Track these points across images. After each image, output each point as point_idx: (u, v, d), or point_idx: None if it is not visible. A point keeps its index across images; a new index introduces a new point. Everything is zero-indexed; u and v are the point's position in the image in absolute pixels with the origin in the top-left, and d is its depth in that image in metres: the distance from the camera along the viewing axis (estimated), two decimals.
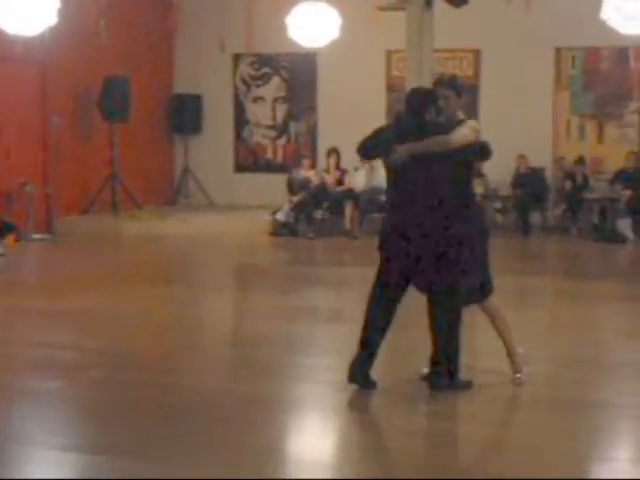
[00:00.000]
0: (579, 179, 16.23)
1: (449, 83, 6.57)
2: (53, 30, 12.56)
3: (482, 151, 6.62)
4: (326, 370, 7.04)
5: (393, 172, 6.52)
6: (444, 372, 6.36)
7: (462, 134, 6.32)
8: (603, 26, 13.31)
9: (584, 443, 5.55)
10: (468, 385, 6.44)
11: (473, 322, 7.14)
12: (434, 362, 6.39)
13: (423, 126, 6.40)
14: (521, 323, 8.84)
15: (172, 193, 19.27)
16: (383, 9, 12.89)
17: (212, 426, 5.74)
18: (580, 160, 16.40)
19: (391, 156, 6.37)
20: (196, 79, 19.05)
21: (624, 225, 15.33)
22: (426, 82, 12.04)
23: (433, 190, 6.30)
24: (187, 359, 7.42)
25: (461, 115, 6.55)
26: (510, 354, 6.68)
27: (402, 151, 6.29)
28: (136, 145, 17.78)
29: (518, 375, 6.63)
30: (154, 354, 7.65)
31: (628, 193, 15.61)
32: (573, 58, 16.91)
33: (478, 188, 15.98)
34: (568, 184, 16.26)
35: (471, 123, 6.52)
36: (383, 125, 6.96)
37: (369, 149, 6.71)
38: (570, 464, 5.16)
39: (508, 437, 5.81)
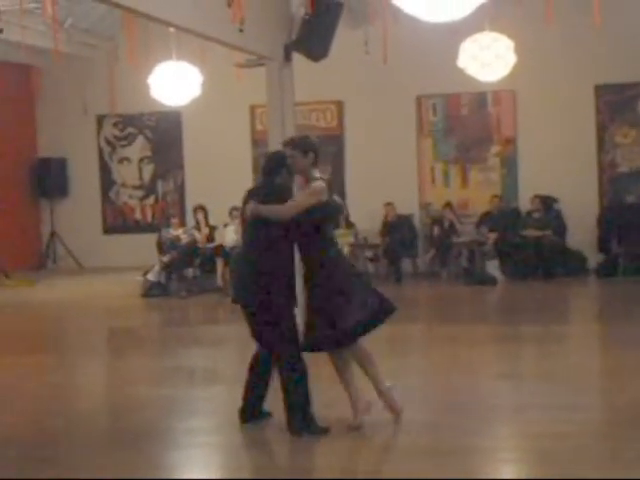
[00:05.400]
0: (446, 224, 16.52)
1: (295, 143, 6.91)
2: None
3: (328, 214, 6.81)
4: (204, 433, 6.92)
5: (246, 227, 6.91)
6: (299, 419, 6.57)
7: (294, 205, 6.58)
8: (461, 73, 13.66)
9: None
10: (326, 431, 6.59)
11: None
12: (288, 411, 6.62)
13: (270, 187, 6.78)
14: (397, 370, 8.92)
15: (40, 258, 18.88)
16: (241, 66, 12.92)
17: None
18: (448, 205, 16.71)
19: (245, 209, 6.75)
20: (60, 142, 18.82)
21: (492, 267, 15.64)
22: (289, 135, 12.11)
23: (266, 254, 6.62)
24: (61, 429, 7.20)
25: (316, 174, 6.78)
26: (381, 394, 6.85)
27: (248, 209, 6.68)
28: (1, 211, 17.39)
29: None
30: (27, 427, 7.38)
31: (494, 235, 15.97)
32: (434, 105, 17.28)
33: (348, 238, 16.19)
34: (436, 229, 16.55)
35: (314, 185, 6.71)
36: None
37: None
38: None
39: None
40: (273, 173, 6.82)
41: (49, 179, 18.65)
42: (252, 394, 6.88)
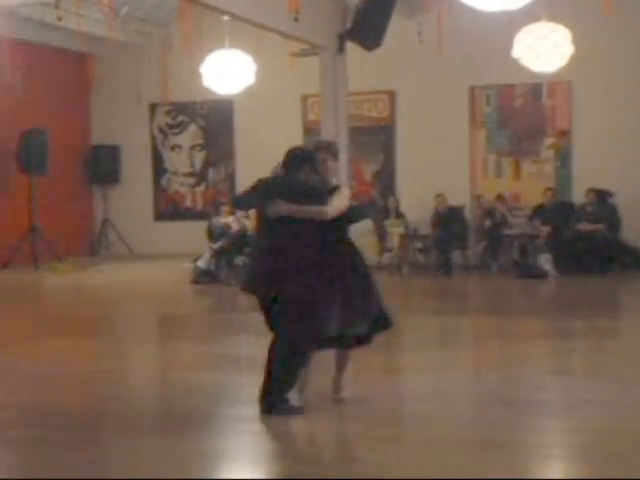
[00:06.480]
0: (498, 216, 16.37)
1: (328, 148, 7.12)
2: None
3: (355, 216, 7.07)
4: (250, 420, 6.92)
5: (266, 221, 6.90)
6: (276, 398, 6.75)
7: (337, 206, 6.76)
8: (515, 64, 13.54)
9: None
10: (300, 410, 6.79)
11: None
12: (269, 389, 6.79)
13: (298, 184, 6.83)
14: (445, 363, 8.88)
15: (92, 244, 19.07)
16: (296, 55, 12.94)
17: None
18: (499, 197, 16.57)
19: (270, 207, 6.74)
20: (113, 130, 18.97)
21: (544, 261, 15.48)
22: (341, 125, 12.13)
23: (294, 247, 6.73)
24: (111, 413, 7.24)
25: (335, 181, 7.04)
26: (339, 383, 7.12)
27: (280, 208, 6.70)
28: (55, 197, 17.59)
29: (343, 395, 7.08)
30: (77, 409, 7.44)
31: (547, 229, 15.80)
32: (487, 96, 17.14)
33: (398, 228, 16.16)
34: (487, 222, 16.42)
35: (345, 191, 6.93)
36: (262, 178, 7.15)
37: (243, 201, 7.41)
38: None
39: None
40: (296, 169, 6.88)
41: (102, 166, 18.81)
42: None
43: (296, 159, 6.94)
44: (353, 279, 6.90)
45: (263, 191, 6.92)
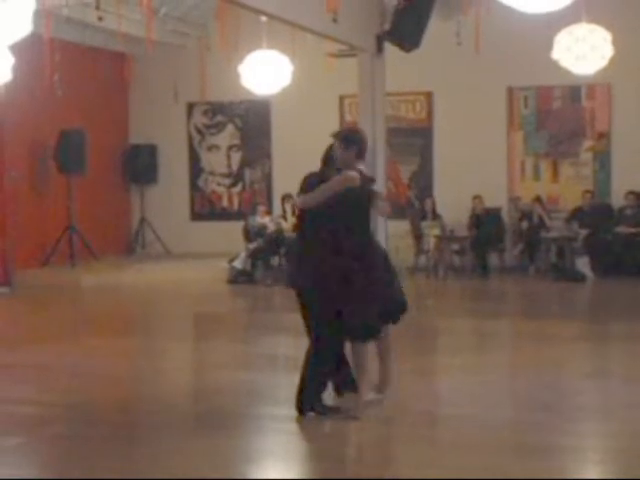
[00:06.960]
0: (535, 218, 16.27)
1: (339, 136, 7.06)
2: (7, 85, 12.43)
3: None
4: (286, 420, 6.93)
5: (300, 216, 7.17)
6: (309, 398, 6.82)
7: (319, 191, 6.73)
8: (554, 65, 13.44)
9: None
10: (336, 411, 6.84)
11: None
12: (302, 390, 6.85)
13: (321, 180, 6.92)
14: (482, 365, 8.85)
15: (129, 243, 19.16)
16: (334, 56, 12.93)
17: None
18: (537, 199, 16.45)
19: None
20: (151, 129, 19.03)
21: (582, 264, 15.36)
22: (379, 126, 12.09)
23: (312, 242, 6.84)
24: (147, 412, 7.28)
25: (360, 166, 6.95)
26: (385, 380, 7.13)
27: (296, 201, 7.15)
28: (93, 196, 17.69)
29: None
30: (114, 407, 7.50)
31: (585, 232, 15.68)
32: (525, 98, 17.04)
33: (435, 230, 16.11)
34: (525, 224, 16.32)
35: (343, 173, 6.80)
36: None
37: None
38: None
39: None
40: (327, 164, 7.04)
41: (140, 166, 18.89)
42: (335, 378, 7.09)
43: (325, 155, 7.12)
44: (374, 272, 6.89)
45: (300, 188, 7.08)
